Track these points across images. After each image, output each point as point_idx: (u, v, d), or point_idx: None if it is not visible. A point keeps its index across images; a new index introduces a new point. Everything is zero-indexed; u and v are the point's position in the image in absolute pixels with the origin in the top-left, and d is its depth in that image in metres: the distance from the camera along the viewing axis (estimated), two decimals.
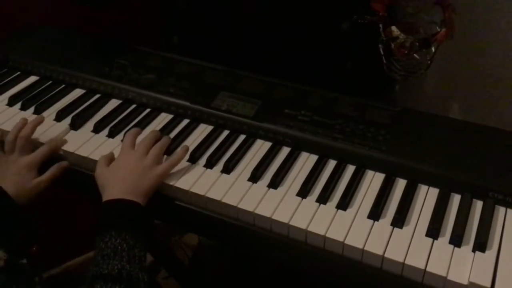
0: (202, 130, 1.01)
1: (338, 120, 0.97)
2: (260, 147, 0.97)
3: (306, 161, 0.94)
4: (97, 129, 1.02)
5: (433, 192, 0.87)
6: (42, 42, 1.24)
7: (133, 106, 1.08)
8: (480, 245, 0.77)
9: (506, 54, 1.20)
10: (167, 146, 0.95)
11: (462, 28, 0.98)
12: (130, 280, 0.74)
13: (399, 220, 0.81)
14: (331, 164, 0.93)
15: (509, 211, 0.83)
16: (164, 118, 1.05)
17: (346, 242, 0.78)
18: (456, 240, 0.78)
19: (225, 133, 1.00)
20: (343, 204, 0.84)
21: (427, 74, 1.04)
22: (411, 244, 0.78)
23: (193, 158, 0.94)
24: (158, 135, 0.96)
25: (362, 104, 1.00)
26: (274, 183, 0.88)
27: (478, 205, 0.84)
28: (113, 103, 1.09)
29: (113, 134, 1.01)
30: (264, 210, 0.84)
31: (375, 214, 0.83)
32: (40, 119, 1.00)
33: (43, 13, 1.37)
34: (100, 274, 0.74)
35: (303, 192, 0.87)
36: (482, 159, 0.88)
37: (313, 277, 0.88)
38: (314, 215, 0.83)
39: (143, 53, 1.18)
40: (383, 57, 0.99)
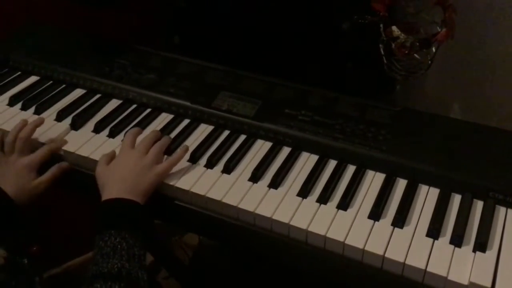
0: (203, 130, 1.01)
1: (338, 120, 0.97)
2: (261, 147, 0.97)
3: (307, 161, 0.93)
4: (97, 129, 1.02)
5: (434, 192, 0.87)
6: (43, 42, 1.24)
7: (134, 106, 1.08)
8: (481, 245, 0.77)
9: (506, 54, 1.20)
10: (167, 145, 0.95)
11: (462, 28, 0.98)
12: (129, 278, 0.74)
13: (399, 220, 0.81)
14: (332, 164, 0.93)
15: (510, 211, 0.83)
16: (164, 118, 1.05)
17: (346, 242, 0.78)
18: (457, 240, 0.78)
19: (226, 133, 1.00)
20: (344, 204, 0.84)
21: (428, 74, 1.05)
22: (411, 244, 0.78)
23: (194, 158, 0.94)
24: (158, 135, 0.96)
25: (363, 104, 0.99)
26: (275, 183, 0.88)
27: (478, 205, 0.84)
28: (113, 103, 1.09)
29: (114, 134, 1.01)
30: (264, 210, 0.84)
31: (375, 214, 0.83)
32: (40, 120, 1.00)
33: (43, 13, 1.37)
34: (99, 273, 0.74)
35: (304, 192, 0.87)
36: (482, 159, 0.88)
37: (313, 277, 0.88)
38: (314, 215, 0.83)
39: (143, 53, 1.18)
40: (383, 57, 0.99)
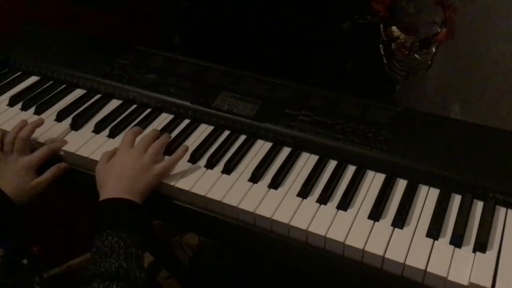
0: (203, 131, 1.01)
1: (339, 120, 0.96)
2: (261, 147, 0.97)
3: (307, 161, 0.93)
4: (97, 129, 1.02)
5: (434, 193, 0.87)
6: (43, 42, 1.24)
7: (134, 106, 1.08)
8: (481, 246, 0.77)
9: (506, 54, 1.20)
10: (167, 144, 0.95)
11: (462, 28, 0.98)
12: (127, 278, 0.74)
13: (399, 221, 0.81)
14: (332, 164, 0.93)
15: (510, 211, 0.83)
16: (164, 118, 1.05)
17: (346, 242, 0.78)
18: (457, 240, 0.78)
19: (226, 133, 1.00)
20: (344, 205, 0.84)
21: (428, 74, 1.05)
22: (411, 245, 0.78)
23: (194, 159, 0.94)
24: (157, 134, 0.96)
25: (363, 104, 0.99)
26: (275, 184, 0.88)
27: (478, 205, 0.84)
28: (113, 103, 1.09)
29: (114, 134, 1.01)
30: (264, 211, 0.83)
31: (375, 214, 0.82)
32: (39, 121, 1.00)
33: (43, 13, 1.37)
34: (97, 273, 0.74)
35: (304, 193, 0.86)
36: (482, 159, 0.88)
37: (313, 278, 0.88)
38: (314, 215, 0.83)
39: (143, 53, 1.17)
40: (383, 57, 0.99)
